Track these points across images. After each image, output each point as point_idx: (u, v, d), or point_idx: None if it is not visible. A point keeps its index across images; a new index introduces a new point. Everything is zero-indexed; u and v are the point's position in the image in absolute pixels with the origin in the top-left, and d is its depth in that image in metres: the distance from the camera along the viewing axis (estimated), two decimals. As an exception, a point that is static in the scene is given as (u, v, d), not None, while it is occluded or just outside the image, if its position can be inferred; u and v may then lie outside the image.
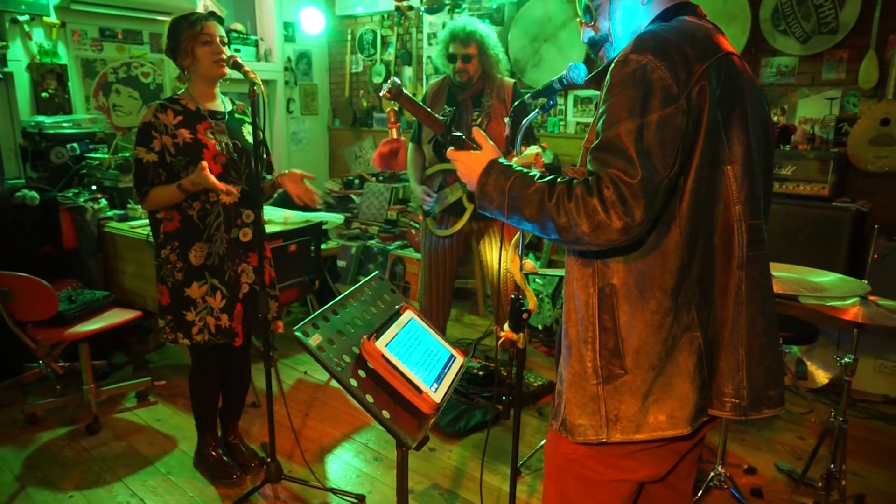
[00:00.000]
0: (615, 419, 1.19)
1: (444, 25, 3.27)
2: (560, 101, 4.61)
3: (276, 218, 3.66)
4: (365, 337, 1.44)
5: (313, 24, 5.65)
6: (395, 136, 1.44)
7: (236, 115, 2.39)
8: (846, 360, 2.15)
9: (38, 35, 4.21)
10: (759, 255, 1.18)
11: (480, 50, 3.13)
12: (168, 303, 2.32)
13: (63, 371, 3.04)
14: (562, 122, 4.64)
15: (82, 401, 3.09)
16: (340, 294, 1.61)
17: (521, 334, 1.78)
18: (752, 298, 1.17)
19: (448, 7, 4.63)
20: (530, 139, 3.04)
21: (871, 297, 2.10)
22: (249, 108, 2.30)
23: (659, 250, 1.14)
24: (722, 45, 1.15)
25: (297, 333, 1.35)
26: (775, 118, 3.61)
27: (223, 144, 2.28)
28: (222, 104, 2.36)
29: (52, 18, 4.23)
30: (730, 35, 4.27)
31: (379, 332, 1.49)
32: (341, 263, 5.35)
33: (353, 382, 1.35)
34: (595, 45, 1.35)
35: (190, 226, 2.27)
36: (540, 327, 4.12)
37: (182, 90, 2.31)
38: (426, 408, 1.42)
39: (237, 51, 5.36)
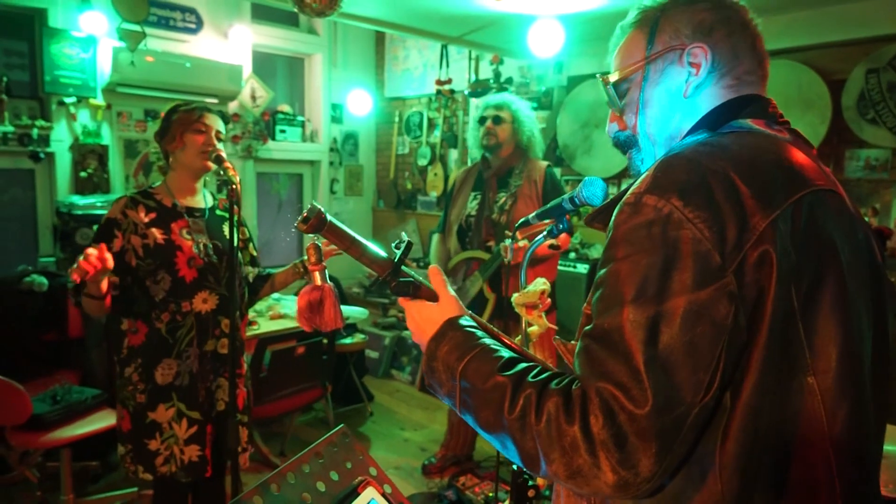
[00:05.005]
0: None
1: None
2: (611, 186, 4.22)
3: (291, 313, 3.36)
4: (287, 543, 1.04)
5: (361, 106, 5.58)
6: (317, 282, 0.97)
7: (217, 213, 2.13)
8: None
9: (84, 116, 4.24)
10: None
11: (513, 119, 2.87)
12: (129, 429, 2.00)
13: (38, 479, 2.76)
14: (615, 213, 4.22)
15: (60, 512, 2.78)
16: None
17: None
18: None
19: (494, 91, 4.40)
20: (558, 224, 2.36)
21: None
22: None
23: None
24: (806, 175, 0.72)
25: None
26: (865, 219, 3.09)
27: (201, 246, 2.02)
28: (202, 200, 2.12)
29: (99, 101, 4.27)
30: (807, 124, 3.62)
31: (313, 530, 1.09)
32: (373, 354, 4.99)
33: None
34: (622, 145, 0.95)
35: (158, 340, 1.97)
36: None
37: (159, 182, 2.08)
38: None
39: (283, 131, 5.31)
